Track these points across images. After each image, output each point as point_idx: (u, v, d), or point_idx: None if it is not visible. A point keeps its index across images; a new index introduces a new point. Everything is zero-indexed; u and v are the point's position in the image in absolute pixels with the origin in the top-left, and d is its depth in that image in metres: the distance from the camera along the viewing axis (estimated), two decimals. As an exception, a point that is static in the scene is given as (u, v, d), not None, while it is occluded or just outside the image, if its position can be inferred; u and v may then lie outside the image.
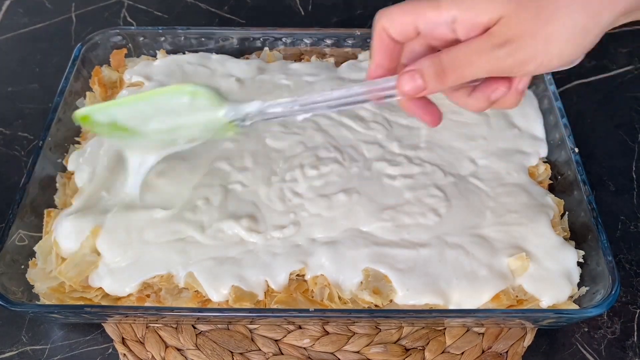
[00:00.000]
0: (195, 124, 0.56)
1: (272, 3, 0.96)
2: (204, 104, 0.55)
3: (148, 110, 0.57)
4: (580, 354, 0.61)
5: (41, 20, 0.92)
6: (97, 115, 0.58)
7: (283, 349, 0.60)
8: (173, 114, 0.56)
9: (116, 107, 0.59)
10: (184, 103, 0.55)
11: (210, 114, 0.55)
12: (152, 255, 0.60)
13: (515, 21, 0.42)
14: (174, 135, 0.57)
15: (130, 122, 0.58)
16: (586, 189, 0.63)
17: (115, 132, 0.58)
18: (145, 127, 0.57)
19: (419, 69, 0.45)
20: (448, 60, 0.44)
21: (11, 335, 0.62)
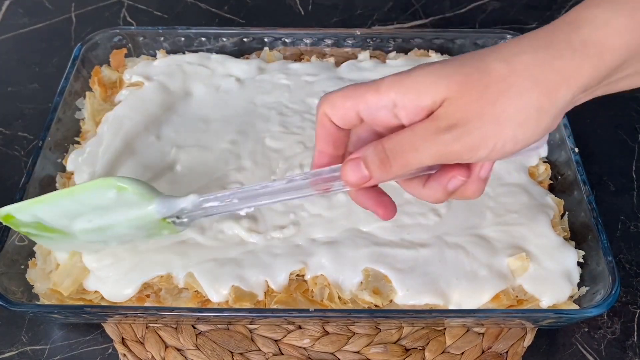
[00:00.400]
0: (125, 222, 0.52)
1: (272, 3, 0.96)
2: (133, 199, 0.50)
3: (73, 207, 0.52)
4: (580, 354, 0.61)
5: (41, 20, 0.92)
6: (20, 215, 0.54)
7: (283, 349, 0.60)
8: (100, 211, 0.52)
9: (39, 205, 0.53)
10: (111, 198, 0.50)
11: (139, 210, 0.50)
12: (150, 259, 0.60)
13: (460, 103, 0.39)
14: (104, 235, 0.53)
15: (56, 221, 0.53)
16: (586, 189, 0.63)
17: (42, 232, 0.54)
18: (72, 226, 0.53)
19: (362, 156, 0.42)
20: (391, 146, 0.41)
21: (11, 335, 0.62)
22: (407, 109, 0.40)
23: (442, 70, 0.39)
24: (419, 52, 0.79)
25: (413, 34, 0.80)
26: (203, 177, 0.66)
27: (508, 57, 0.39)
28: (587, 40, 0.39)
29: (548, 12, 0.94)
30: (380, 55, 0.80)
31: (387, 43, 0.80)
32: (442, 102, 0.39)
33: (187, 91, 0.74)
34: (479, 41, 0.79)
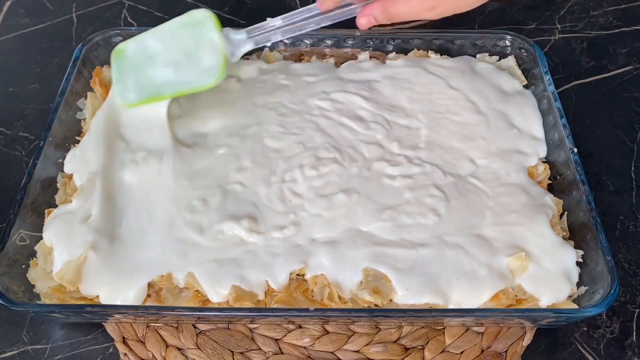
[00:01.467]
0: (190, 43, 0.66)
1: (272, 3, 0.96)
2: (207, 23, 0.66)
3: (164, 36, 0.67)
4: (580, 354, 0.61)
5: (42, 20, 0.93)
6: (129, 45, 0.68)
7: (283, 348, 0.61)
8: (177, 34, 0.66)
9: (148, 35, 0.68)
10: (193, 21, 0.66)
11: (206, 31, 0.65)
12: (149, 261, 0.60)
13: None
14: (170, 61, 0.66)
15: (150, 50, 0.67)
16: (585, 188, 0.63)
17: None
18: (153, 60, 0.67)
19: (373, 15, 0.64)
20: (393, 12, 0.63)
21: (12, 335, 0.62)
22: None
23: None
24: (419, 53, 0.79)
25: (413, 34, 0.80)
26: (201, 177, 0.66)
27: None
28: None
29: (547, 12, 0.94)
30: (380, 56, 0.80)
31: (387, 43, 0.80)
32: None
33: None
34: (478, 42, 0.79)
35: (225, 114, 0.72)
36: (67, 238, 0.60)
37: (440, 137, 0.70)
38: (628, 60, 0.87)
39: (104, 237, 0.60)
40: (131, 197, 0.64)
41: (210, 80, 0.66)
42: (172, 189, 0.65)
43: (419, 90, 0.74)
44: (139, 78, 0.68)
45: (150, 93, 0.67)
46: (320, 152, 0.68)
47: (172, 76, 0.66)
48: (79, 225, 0.61)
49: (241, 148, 0.68)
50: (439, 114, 0.72)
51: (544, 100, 0.73)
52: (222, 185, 0.65)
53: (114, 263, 0.59)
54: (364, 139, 0.70)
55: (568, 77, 0.85)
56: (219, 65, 0.66)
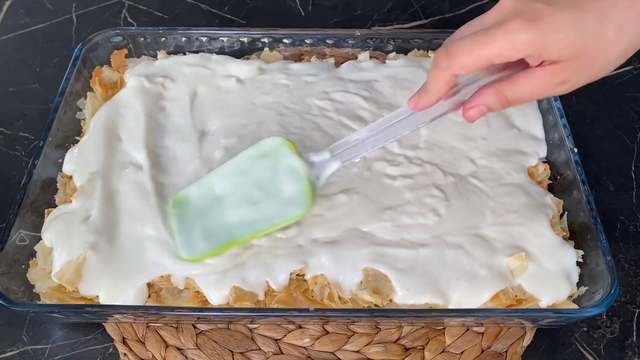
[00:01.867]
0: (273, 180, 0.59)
1: (272, 3, 0.96)
2: (286, 151, 0.59)
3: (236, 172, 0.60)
4: (580, 354, 0.61)
5: (42, 20, 0.93)
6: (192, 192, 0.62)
7: (283, 348, 0.61)
8: (254, 170, 0.60)
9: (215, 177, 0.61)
10: (269, 151, 0.59)
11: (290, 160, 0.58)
12: (149, 261, 0.60)
13: (576, 65, 0.47)
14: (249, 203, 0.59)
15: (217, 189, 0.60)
16: (585, 188, 0.63)
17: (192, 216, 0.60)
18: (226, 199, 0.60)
19: (486, 104, 0.51)
20: (512, 95, 0.50)
21: (12, 335, 0.62)
22: (533, 57, 0.46)
23: (563, 34, 0.45)
24: (419, 53, 0.79)
25: (413, 34, 0.80)
26: (198, 172, 0.66)
27: (623, 24, 0.46)
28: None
29: (547, 12, 0.94)
30: (380, 56, 0.80)
31: (387, 43, 0.80)
32: (560, 62, 0.46)
33: (189, 91, 0.74)
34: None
35: (224, 114, 0.72)
36: (66, 238, 0.61)
37: (441, 137, 0.70)
38: (628, 60, 0.86)
39: (103, 237, 0.60)
40: (131, 198, 0.64)
41: (296, 209, 0.57)
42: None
43: (419, 90, 0.74)
44: (206, 225, 0.60)
45: (223, 240, 0.59)
46: None
47: (248, 215, 0.59)
48: (78, 225, 0.61)
49: (240, 149, 0.68)
50: (439, 113, 0.72)
51: (544, 100, 0.73)
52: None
53: (113, 263, 0.59)
54: None
55: (568, 77, 0.85)
56: (304, 190, 0.57)
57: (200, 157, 0.68)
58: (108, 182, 0.65)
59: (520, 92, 0.49)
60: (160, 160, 0.68)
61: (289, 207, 0.58)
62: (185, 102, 0.73)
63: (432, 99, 0.52)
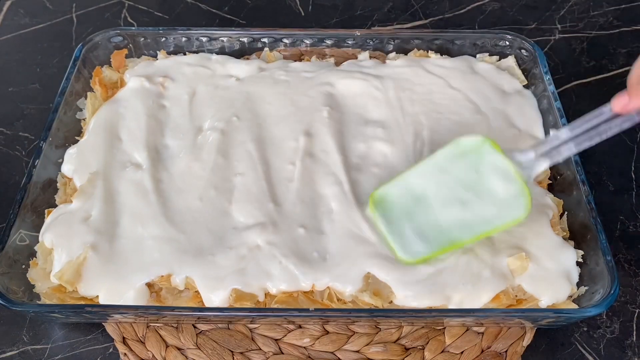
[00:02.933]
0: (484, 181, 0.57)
1: (272, 3, 0.96)
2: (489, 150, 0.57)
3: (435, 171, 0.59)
4: (580, 354, 0.61)
5: (42, 20, 0.93)
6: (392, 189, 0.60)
7: (283, 348, 0.61)
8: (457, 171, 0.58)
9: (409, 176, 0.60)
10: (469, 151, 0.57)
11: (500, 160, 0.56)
12: (149, 262, 0.60)
13: None
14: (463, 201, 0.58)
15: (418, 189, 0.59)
16: (585, 189, 0.63)
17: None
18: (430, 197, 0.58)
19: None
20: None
21: (12, 335, 0.62)
22: None
23: None
24: (419, 53, 0.79)
25: (412, 34, 0.80)
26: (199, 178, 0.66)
27: None
28: None
29: (547, 12, 0.94)
30: (380, 56, 0.80)
31: (387, 43, 0.80)
32: None
33: (189, 91, 0.74)
34: (479, 42, 0.79)
35: (219, 107, 0.72)
36: (66, 238, 0.61)
37: (441, 136, 0.70)
38: (628, 60, 0.87)
39: (103, 237, 0.61)
40: (131, 197, 0.64)
41: (520, 212, 0.56)
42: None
43: (419, 90, 0.74)
44: (417, 226, 0.59)
45: (442, 241, 0.58)
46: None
47: (463, 216, 0.57)
48: (79, 225, 0.61)
49: (230, 131, 0.69)
50: (439, 114, 0.72)
51: (544, 100, 0.73)
52: (224, 184, 0.65)
53: (113, 263, 0.59)
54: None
55: (568, 77, 0.85)
56: (522, 192, 0.56)
57: (195, 149, 0.68)
58: (108, 181, 0.65)
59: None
60: (160, 159, 0.68)
61: (507, 210, 0.56)
62: (185, 102, 0.73)
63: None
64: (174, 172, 0.66)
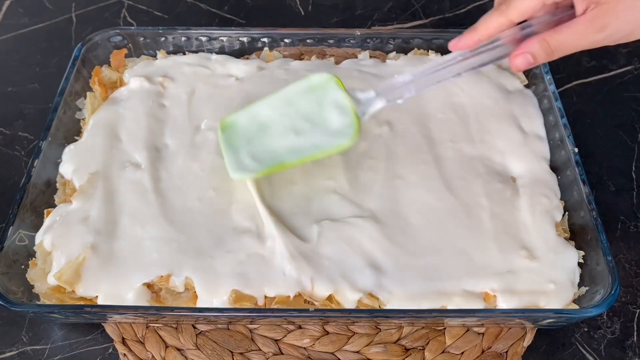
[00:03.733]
0: (320, 108, 0.61)
1: (272, 3, 0.96)
2: (334, 86, 0.61)
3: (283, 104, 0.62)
4: (580, 354, 0.61)
5: (41, 20, 0.93)
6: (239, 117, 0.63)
7: (283, 348, 0.60)
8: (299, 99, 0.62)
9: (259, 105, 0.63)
10: (317, 85, 0.61)
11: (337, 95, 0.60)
12: (148, 262, 0.59)
13: (616, 8, 0.51)
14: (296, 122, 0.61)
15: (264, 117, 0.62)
16: (586, 188, 0.63)
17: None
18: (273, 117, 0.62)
19: (531, 52, 0.54)
20: (556, 44, 0.54)
21: (11, 335, 0.62)
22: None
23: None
24: (419, 52, 0.79)
25: (413, 34, 0.80)
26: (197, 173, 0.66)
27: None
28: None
29: (548, 12, 0.94)
30: (380, 55, 0.80)
31: (387, 43, 0.80)
32: (600, 3, 0.51)
33: (188, 91, 0.74)
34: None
35: (218, 106, 0.72)
36: (66, 238, 0.60)
37: (446, 134, 0.70)
38: (629, 60, 0.87)
39: (103, 237, 0.60)
40: (131, 197, 0.64)
41: (344, 140, 0.60)
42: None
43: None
44: (253, 149, 0.62)
45: (272, 162, 0.61)
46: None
47: (295, 142, 0.61)
48: (78, 225, 0.61)
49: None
50: (443, 113, 0.72)
51: (545, 100, 0.73)
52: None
53: (113, 264, 0.59)
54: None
55: (569, 76, 0.85)
56: (352, 123, 0.60)
57: (195, 149, 0.68)
58: (108, 181, 0.65)
59: (562, 39, 0.53)
60: (160, 158, 0.67)
61: (336, 138, 0.60)
62: (184, 102, 0.73)
63: (475, 38, 0.56)
64: (173, 172, 0.66)
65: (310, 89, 0.62)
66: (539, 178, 0.66)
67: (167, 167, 0.67)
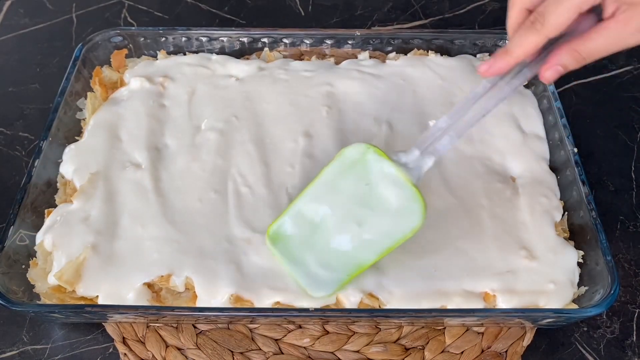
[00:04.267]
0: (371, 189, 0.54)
1: (272, 3, 0.96)
2: (375, 158, 0.54)
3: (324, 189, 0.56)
4: (580, 354, 0.61)
5: (42, 20, 0.93)
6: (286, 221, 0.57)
7: (283, 348, 0.61)
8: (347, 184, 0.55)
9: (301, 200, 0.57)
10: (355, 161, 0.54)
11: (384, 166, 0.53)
12: (149, 262, 0.59)
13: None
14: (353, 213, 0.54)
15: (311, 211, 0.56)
16: (585, 188, 0.63)
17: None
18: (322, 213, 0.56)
19: (562, 64, 0.52)
20: (587, 52, 0.51)
21: (12, 335, 0.62)
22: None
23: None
24: (419, 53, 0.79)
25: (412, 34, 0.80)
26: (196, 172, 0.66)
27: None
28: None
29: (547, 12, 0.94)
30: (380, 56, 0.80)
31: (387, 43, 0.80)
32: (634, 6, 0.48)
33: (189, 91, 0.74)
34: (479, 42, 0.79)
35: (217, 106, 0.72)
36: (66, 238, 0.61)
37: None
38: (628, 60, 0.87)
39: (103, 237, 0.60)
40: (131, 197, 0.64)
41: (414, 219, 0.53)
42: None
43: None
44: (320, 257, 0.56)
45: (349, 267, 0.55)
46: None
47: (361, 235, 0.55)
48: (78, 225, 0.61)
49: (229, 131, 0.68)
50: (442, 114, 0.72)
51: (544, 100, 0.73)
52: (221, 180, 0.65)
53: (113, 264, 0.59)
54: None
55: (568, 76, 0.84)
56: (413, 195, 0.53)
57: (195, 149, 0.68)
58: (108, 181, 0.65)
59: (594, 46, 0.50)
60: (160, 158, 0.68)
61: (404, 218, 0.53)
62: (184, 102, 0.73)
63: (510, 61, 0.52)
64: (174, 172, 0.66)
65: (349, 166, 0.55)
66: (538, 178, 0.66)
67: (168, 167, 0.67)
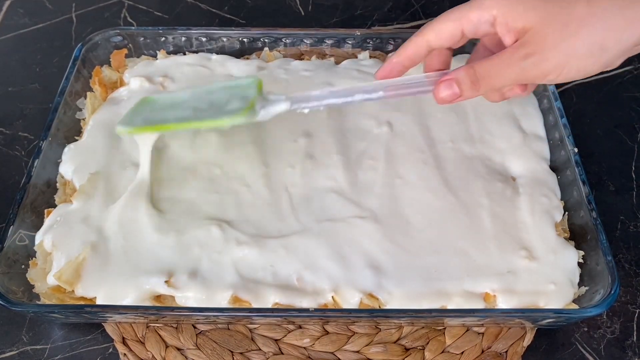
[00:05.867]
0: (221, 89, 0.61)
1: (272, 3, 0.96)
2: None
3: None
4: (580, 354, 0.61)
5: (42, 20, 0.93)
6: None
7: (283, 348, 0.61)
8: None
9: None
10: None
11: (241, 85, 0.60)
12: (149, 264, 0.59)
13: (542, 34, 0.47)
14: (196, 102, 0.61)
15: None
16: (585, 188, 0.63)
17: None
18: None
19: (455, 78, 0.51)
20: (481, 71, 0.50)
21: (12, 335, 0.62)
22: (502, 26, 0.49)
23: (532, 3, 0.48)
24: (419, 52, 0.79)
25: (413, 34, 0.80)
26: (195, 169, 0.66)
27: (591, 1, 0.47)
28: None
29: (548, 12, 0.94)
30: (380, 55, 0.80)
31: (387, 43, 0.80)
32: (527, 31, 0.48)
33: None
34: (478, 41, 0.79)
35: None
36: (66, 238, 0.60)
37: (447, 134, 0.70)
38: (628, 60, 0.86)
39: (104, 237, 0.60)
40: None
41: (225, 116, 0.57)
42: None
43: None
44: (149, 116, 0.62)
45: (152, 123, 0.61)
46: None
47: (187, 116, 0.60)
48: (78, 225, 0.61)
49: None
50: (443, 113, 0.72)
51: (545, 99, 0.73)
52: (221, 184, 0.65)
53: (113, 264, 0.59)
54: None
55: (568, 77, 0.85)
56: (242, 108, 0.57)
57: (195, 149, 0.68)
58: (108, 182, 0.65)
59: (489, 67, 0.50)
60: (160, 159, 0.68)
61: (219, 114, 0.58)
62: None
63: (393, 60, 0.55)
64: (175, 172, 0.66)
65: (234, 86, 0.62)
66: (538, 178, 0.66)
67: (168, 166, 0.67)
